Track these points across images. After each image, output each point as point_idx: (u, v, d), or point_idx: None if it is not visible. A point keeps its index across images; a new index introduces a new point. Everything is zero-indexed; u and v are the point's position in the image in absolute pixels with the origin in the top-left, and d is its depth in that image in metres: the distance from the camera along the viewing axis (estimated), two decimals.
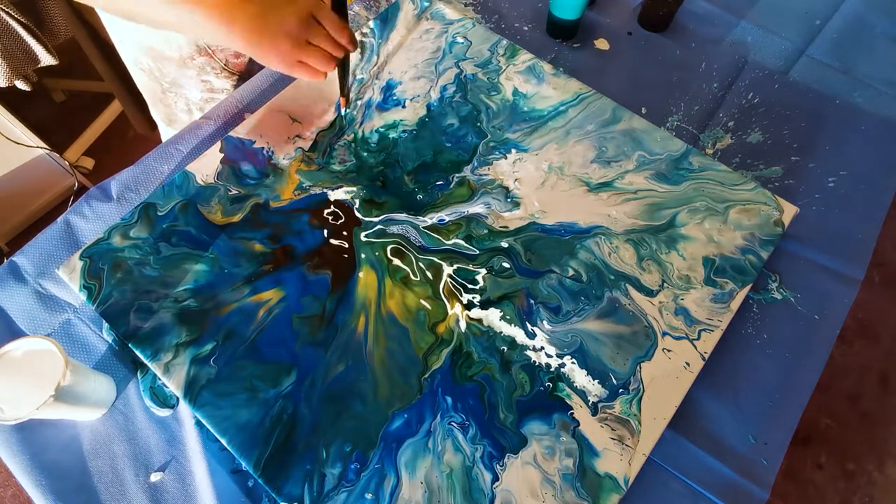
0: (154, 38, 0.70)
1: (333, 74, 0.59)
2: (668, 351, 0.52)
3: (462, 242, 0.57)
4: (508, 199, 0.60)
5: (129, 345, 0.51)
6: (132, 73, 0.79)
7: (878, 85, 0.71)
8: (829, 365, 0.53)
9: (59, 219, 0.59)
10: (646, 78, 0.71)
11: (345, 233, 0.57)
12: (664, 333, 0.53)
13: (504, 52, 0.70)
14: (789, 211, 0.59)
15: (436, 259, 0.56)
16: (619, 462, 0.47)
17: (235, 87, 0.75)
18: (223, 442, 0.47)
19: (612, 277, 0.55)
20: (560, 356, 0.51)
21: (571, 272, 0.56)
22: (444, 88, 0.67)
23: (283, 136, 0.63)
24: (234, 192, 0.59)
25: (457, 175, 0.61)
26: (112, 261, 0.54)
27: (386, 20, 0.73)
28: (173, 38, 0.69)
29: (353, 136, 0.64)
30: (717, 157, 0.65)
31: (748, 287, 0.55)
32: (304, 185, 0.60)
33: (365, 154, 0.63)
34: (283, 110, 0.65)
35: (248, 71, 0.76)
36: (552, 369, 0.51)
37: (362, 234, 0.57)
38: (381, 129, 0.65)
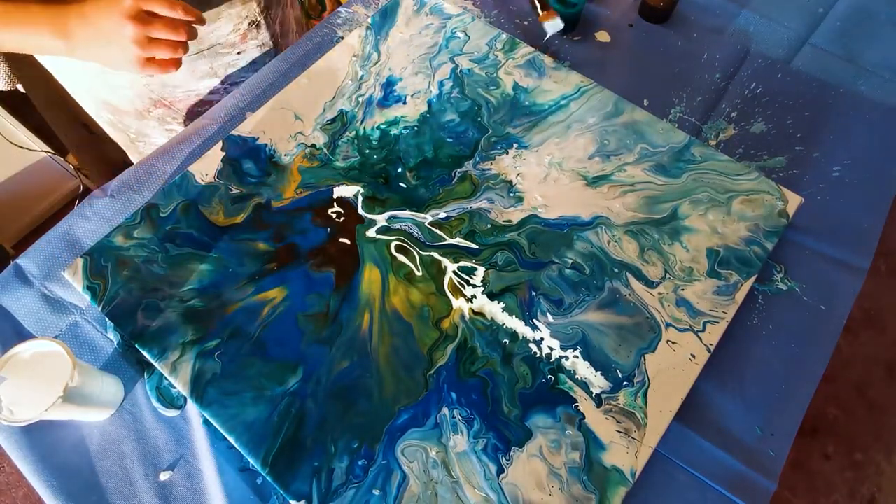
0: (106, 92, 0.69)
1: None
2: (673, 343, 0.52)
3: (465, 238, 0.57)
4: (511, 195, 0.60)
5: (136, 345, 0.51)
6: (99, 123, 0.78)
7: (883, 73, 0.71)
8: (835, 355, 0.53)
9: (61, 222, 0.59)
10: (647, 70, 0.71)
11: (348, 230, 0.57)
12: (667, 325, 0.52)
13: (502, 47, 0.70)
14: (794, 201, 0.59)
15: (439, 255, 0.56)
16: (625, 455, 0.47)
17: None
18: (231, 440, 0.48)
19: (616, 270, 0.55)
20: (563, 348, 0.51)
21: (572, 262, 0.55)
22: (441, 84, 0.67)
23: (285, 133, 0.63)
24: (235, 191, 0.59)
25: (459, 170, 0.61)
26: (116, 259, 0.55)
27: (385, 16, 0.73)
28: (123, 91, 0.68)
29: (354, 132, 0.64)
30: (721, 148, 0.65)
31: (753, 278, 0.55)
32: (306, 183, 0.60)
33: (367, 151, 0.63)
34: (285, 107, 0.65)
35: None
36: (552, 360, 0.51)
37: (365, 232, 0.57)
38: (383, 126, 0.64)
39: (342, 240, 0.57)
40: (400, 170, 0.62)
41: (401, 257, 0.56)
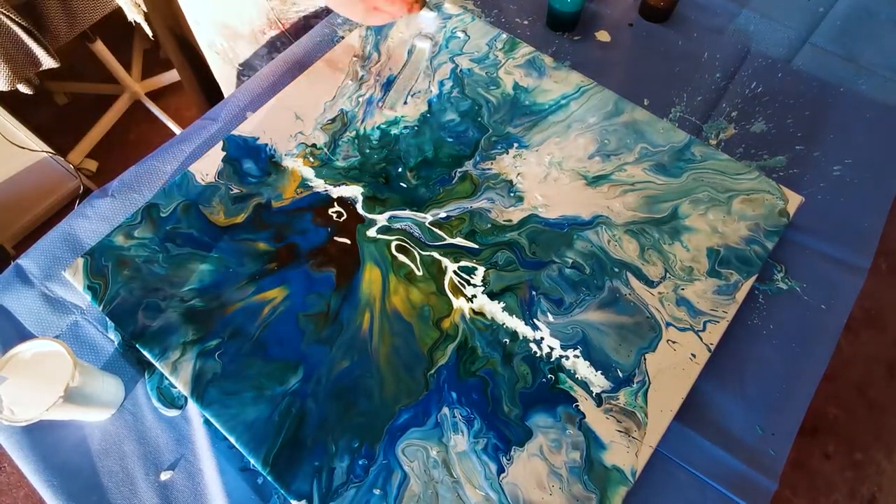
0: (228, 13, 0.74)
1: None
2: (674, 342, 0.52)
3: (465, 238, 0.57)
4: (511, 194, 0.60)
5: (137, 345, 0.51)
6: (208, 59, 0.84)
7: (883, 72, 0.71)
8: (836, 355, 0.53)
9: (62, 222, 0.59)
10: (648, 69, 0.71)
11: (348, 230, 0.57)
12: (668, 324, 0.52)
13: (502, 47, 0.70)
14: (794, 200, 0.59)
15: (439, 255, 0.56)
16: (626, 454, 0.47)
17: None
18: (231, 440, 0.48)
19: (616, 269, 0.55)
20: (563, 348, 0.51)
21: (572, 262, 0.55)
22: (441, 84, 0.67)
23: (286, 132, 0.63)
24: (235, 190, 0.59)
25: (459, 170, 0.61)
26: (116, 258, 0.55)
27: None
28: (245, 11, 0.74)
29: (354, 132, 0.64)
30: (721, 147, 0.65)
31: (753, 278, 0.55)
32: (306, 183, 0.60)
33: (367, 150, 0.63)
34: (286, 107, 0.65)
35: None
36: (552, 359, 0.51)
37: (366, 231, 0.57)
38: (383, 126, 0.64)
39: (342, 240, 0.57)
40: (400, 170, 0.62)
41: (401, 257, 0.56)
